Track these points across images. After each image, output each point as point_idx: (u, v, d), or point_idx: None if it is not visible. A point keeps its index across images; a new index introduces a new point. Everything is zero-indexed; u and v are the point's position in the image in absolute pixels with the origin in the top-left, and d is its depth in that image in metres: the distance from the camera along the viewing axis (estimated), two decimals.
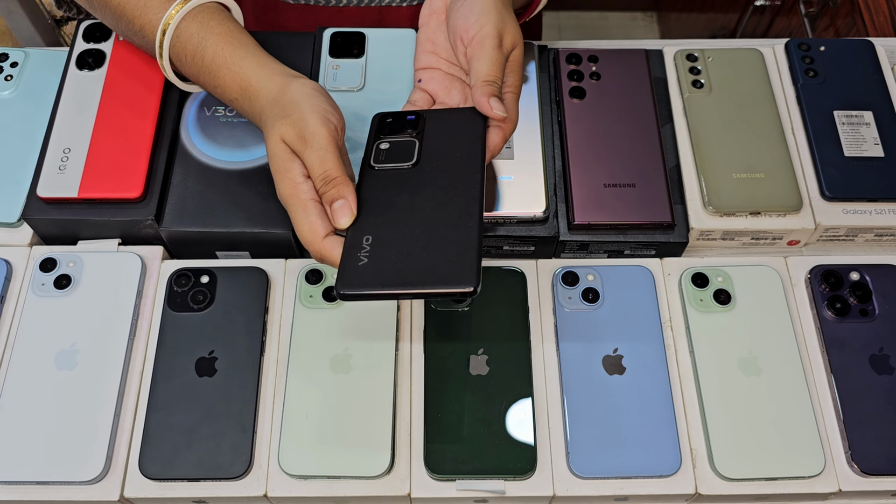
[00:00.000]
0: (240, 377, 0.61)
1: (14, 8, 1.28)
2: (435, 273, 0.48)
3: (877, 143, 0.71)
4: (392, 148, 0.55)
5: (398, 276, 0.48)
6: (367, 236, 0.50)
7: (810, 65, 0.75)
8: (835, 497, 0.60)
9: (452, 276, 0.47)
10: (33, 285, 0.64)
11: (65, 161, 0.66)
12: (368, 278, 0.48)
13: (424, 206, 0.52)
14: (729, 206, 0.67)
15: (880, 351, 0.62)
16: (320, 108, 0.54)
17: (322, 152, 0.52)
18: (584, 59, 0.74)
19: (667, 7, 1.96)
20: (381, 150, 0.56)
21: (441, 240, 0.49)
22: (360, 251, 0.49)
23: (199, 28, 0.60)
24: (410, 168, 0.54)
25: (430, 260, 0.49)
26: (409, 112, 0.58)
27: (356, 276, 0.48)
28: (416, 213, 0.51)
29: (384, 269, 0.48)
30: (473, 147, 0.55)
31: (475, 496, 0.58)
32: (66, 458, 0.58)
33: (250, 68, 0.59)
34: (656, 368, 0.61)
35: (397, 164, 0.54)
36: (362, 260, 0.49)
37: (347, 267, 0.49)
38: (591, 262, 0.67)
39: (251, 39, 0.62)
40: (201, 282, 0.64)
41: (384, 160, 0.55)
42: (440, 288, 0.47)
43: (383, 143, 0.56)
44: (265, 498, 0.59)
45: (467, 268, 0.47)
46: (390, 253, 0.49)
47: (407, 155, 0.54)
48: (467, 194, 0.52)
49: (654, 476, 0.58)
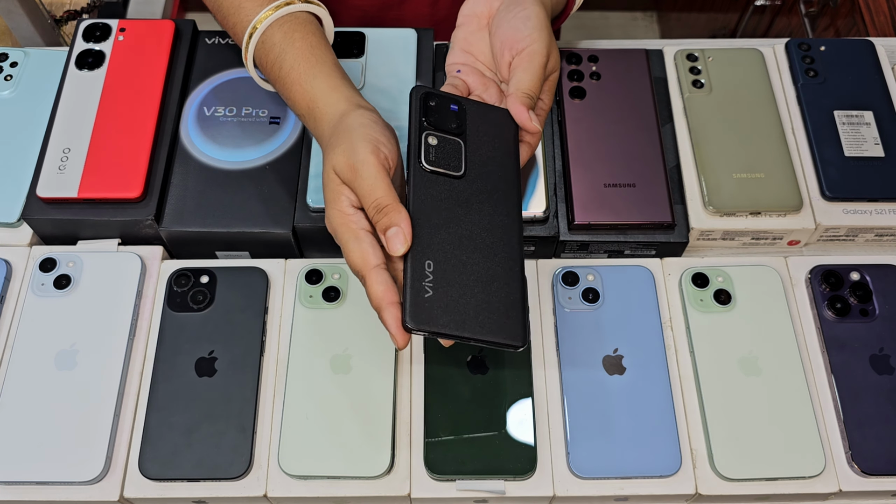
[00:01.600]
0: (240, 377, 0.61)
1: (14, 8, 1.28)
2: (491, 324, 0.50)
3: (877, 142, 0.71)
4: (440, 147, 0.54)
5: (459, 319, 0.50)
6: (429, 261, 0.51)
7: (810, 65, 0.75)
8: (835, 497, 0.60)
9: (506, 330, 0.50)
10: (33, 285, 0.64)
11: (64, 161, 0.66)
12: (434, 316, 0.49)
13: (475, 231, 0.52)
14: (729, 206, 0.67)
15: (880, 351, 0.62)
16: (372, 137, 0.53)
17: (371, 181, 0.51)
18: (585, 58, 0.74)
19: (667, 7, 1.96)
20: (430, 146, 0.54)
21: (493, 281, 0.51)
22: (424, 280, 0.50)
23: (283, 38, 0.60)
24: (459, 178, 0.54)
25: (485, 306, 0.50)
26: (452, 98, 0.57)
27: (423, 310, 0.49)
28: (469, 238, 0.52)
29: (447, 307, 0.50)
30: (510, 160, 0.56)
31: (475, 496, 0.58)
32: (66, 458, 0.58)
33: (320, 90, 0.58)
34: (656, 368, 0.61)
35: (447, 170, 0.54)
36: (428, 291, 0.50)
37: (415, 298, 0.49)
38: (591, 262, 0.67)
39: (330, 57, 0.61)
40: (201, 282, 0.64)
41: (434, 161, 0.54)
42: (494, 340, 0.50)
43: (431, 136, 0.54)
44: (265, 498, 0.59)
45: (517, 324, 0.51)
46: (452, 288, 0.50)
47: (455, 161, 0.54)
48: (509, 226, 0.53)
49: (654, 476, 0.58)
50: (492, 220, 0.53)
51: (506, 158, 0.56)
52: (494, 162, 0.55)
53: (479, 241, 0.52)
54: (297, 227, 0.66)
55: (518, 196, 0.55)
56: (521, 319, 0.51)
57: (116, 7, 1.47)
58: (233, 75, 0.73)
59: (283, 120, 0.70)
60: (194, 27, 0.76)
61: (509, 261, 0.52)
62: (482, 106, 0.57)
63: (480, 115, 0.57)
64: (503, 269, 0.52)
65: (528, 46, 0.57)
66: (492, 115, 0.57)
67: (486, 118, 0.57)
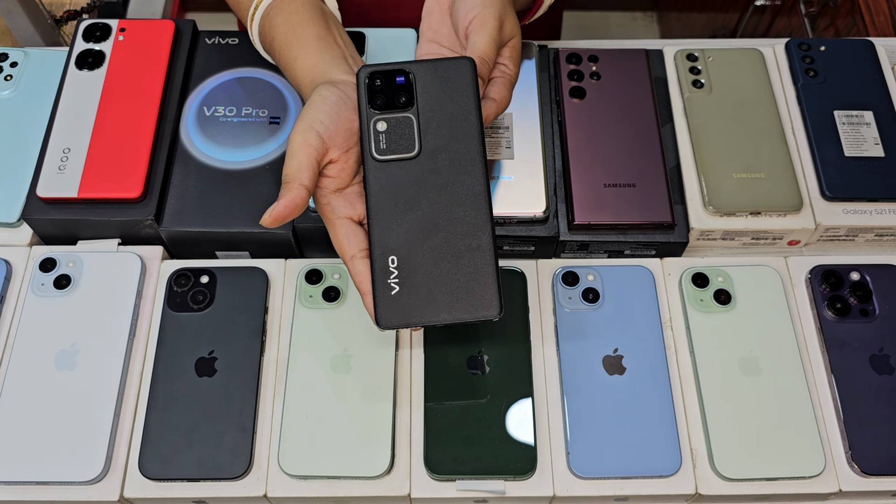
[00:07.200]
0: (240, 377, 0.61)
1: (14, 8, 1.28)
2: (463, 302, 0.50)
3: (877, 143, 0.71)
4: (390, 132, 0.53)
5: (430, 307, 0.50)
6: (392, 257, 0.51)
7: (810, 65, 0.75)
8: (835, 497, 0.60)
9: (479, 304, 0.50)
10: (33, 285, 0.64)
11: (64, 161, 0.66)
12: (404, 310, 0.50)
13: (437, 211, 0.52)
14: (729, 206, 0.67)
15: (880, 351, 0.62)
16: (308, 116, 0.54)
17: (288, 157, 0.53)
18: (585, 58, 0.74)
19: (667, 7, 1.96)
20: (379, 133, 0.53)
21: (461, 257, 0.51)
22: (389, 277, 0.51)
23: (280, 18, 0.62)
24: (413, 159, 0.53)
25: (455, 285, 0.51)
26: (398, 69, 0.55)
27: (392, 308, 0.50)
28: (431, 222, 0.52)
29: (416, 299, 0.50)
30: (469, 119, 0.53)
31: (475, 496, 0.58)
32: (66, 458, 0.58)
33: (301, 71, 0.59)
34: (656, 368, 0.61)
35: (400, 154, 0.53)
36: (394, 288, 0.51)
37: (382, 299, 0.51)
38: (591, 262, 0.66)
39: (311, 31, 0.60)
40: (201, 282, 0.64)
41: (385, 149, 0.53)
42: (469, 317, 0.50)
43: (379, 121, 0.53)
44: (265, 498, 0.59)
45: (490, 295, 0.50)
46: (419, 277, 0.51)
47: (408, 141, 0.53)
48: (475, 194, 0.52)
49: (654, 476, 0.58)
50: (455, 193, 0.52)
51: (464, 119, 0.53)
52: (452, 126, 0.53)
53: (444, 219, 0.52)
54: (297, 227, 0.66)
55: (482, 156, 0.53)
56: (495, 289, 0.51)
57: (116, 7, 1.47)
58: (233, 75, 0.73)
59: (283, 120, 0.70)
60: (194, 27, 0.76)
61: (477, 231, 0.51)
62: (432, 64, 0.55)
63: (432, 75, 0.54)
64: (472, 242, 0.51)
65: (479, 13, 0.57)
66: (444, 71, 0.54)
67: (438, 77, 0.54)
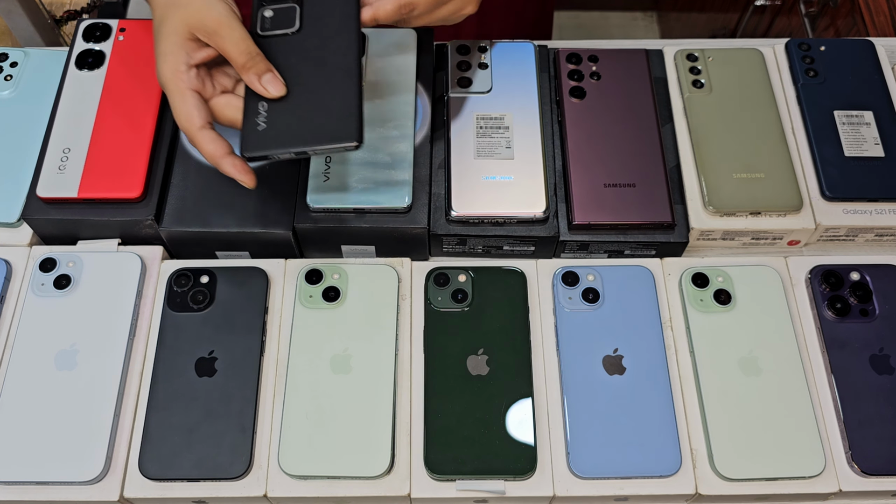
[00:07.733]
0: (240, 377, 0.61)
1: (14, 8, 1.29)
2: (324, 132, 0.55)
3: (877, 143, 0.71)
4: (276, 15, 0.59)
5: (292, 138, 0.55)
6: (263, 103, 0.56)
7: (810, 65, 0.75)
8: (835, 497, 0.60)
9: (339, 133, 0.55)
10: (33, 285, 0.64)
11: (64, 161, 0.66)
12: (267, 141, 0.55)
13: (311, 70, 0.57)
14: (729, 206, 0.67)
15: (880, 351, 0.62)
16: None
17: (240, 33, 0.55)
18: (585, 58, 0.74)
19: (667, 7, 1.96)
20: (265, 17, 0.59)
21: (328, 101, 0.56)
22: (257, 116, 0.56)
23: None
24: (294, 34, 0.58)
25: (319, 121, 0.55)
26: None
27: (256, 139, 0.55)
28: (304, 78, 0.57)
29: (280, 132, 0.55)
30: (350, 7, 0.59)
31: (475, 496, 0.58)
32: (65, 458, 0.58)
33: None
34: (656, 368, 0.61)
35: (281, 30, 0.58)
36: (261, 125, 0.56)
37: (248, 132, 0.56)
38: (591, 262, 0.66)
39: None
40: (201, 282, 0.64)
41: (269, 27, 0.59)
42: (329, 145, 0.55)
43: (267, 10, 0.59)
44: (265, 498, 0.59)
45: (350, 125, 0.55)
46: (284, 117, 0.56)
47: (289, 21, 0.59)
48: (347, 56, 0.57)
49: (654, 476, 0.58)
50: (326, 42, 0.58)
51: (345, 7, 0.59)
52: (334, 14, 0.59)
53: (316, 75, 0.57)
54: (297, 227, 0.66)
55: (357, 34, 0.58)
56: (355, 121, 0.54)
57: (116, 7, 1.47)
58: None
59: None
60: None
61: (344, 70, 0.56)
62: None
63: None
64: (339, 80, 0.56)
65: None
66: None
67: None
